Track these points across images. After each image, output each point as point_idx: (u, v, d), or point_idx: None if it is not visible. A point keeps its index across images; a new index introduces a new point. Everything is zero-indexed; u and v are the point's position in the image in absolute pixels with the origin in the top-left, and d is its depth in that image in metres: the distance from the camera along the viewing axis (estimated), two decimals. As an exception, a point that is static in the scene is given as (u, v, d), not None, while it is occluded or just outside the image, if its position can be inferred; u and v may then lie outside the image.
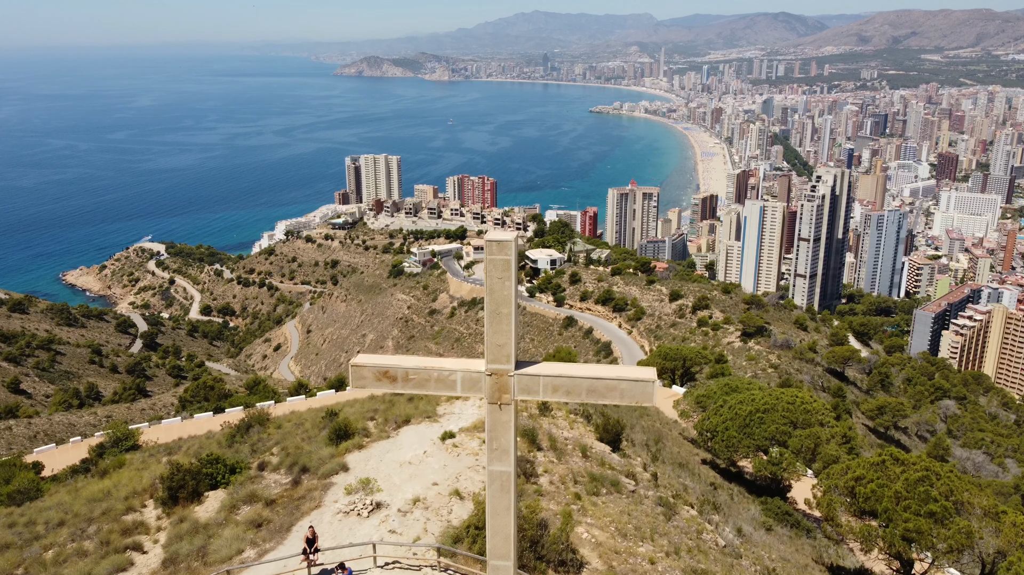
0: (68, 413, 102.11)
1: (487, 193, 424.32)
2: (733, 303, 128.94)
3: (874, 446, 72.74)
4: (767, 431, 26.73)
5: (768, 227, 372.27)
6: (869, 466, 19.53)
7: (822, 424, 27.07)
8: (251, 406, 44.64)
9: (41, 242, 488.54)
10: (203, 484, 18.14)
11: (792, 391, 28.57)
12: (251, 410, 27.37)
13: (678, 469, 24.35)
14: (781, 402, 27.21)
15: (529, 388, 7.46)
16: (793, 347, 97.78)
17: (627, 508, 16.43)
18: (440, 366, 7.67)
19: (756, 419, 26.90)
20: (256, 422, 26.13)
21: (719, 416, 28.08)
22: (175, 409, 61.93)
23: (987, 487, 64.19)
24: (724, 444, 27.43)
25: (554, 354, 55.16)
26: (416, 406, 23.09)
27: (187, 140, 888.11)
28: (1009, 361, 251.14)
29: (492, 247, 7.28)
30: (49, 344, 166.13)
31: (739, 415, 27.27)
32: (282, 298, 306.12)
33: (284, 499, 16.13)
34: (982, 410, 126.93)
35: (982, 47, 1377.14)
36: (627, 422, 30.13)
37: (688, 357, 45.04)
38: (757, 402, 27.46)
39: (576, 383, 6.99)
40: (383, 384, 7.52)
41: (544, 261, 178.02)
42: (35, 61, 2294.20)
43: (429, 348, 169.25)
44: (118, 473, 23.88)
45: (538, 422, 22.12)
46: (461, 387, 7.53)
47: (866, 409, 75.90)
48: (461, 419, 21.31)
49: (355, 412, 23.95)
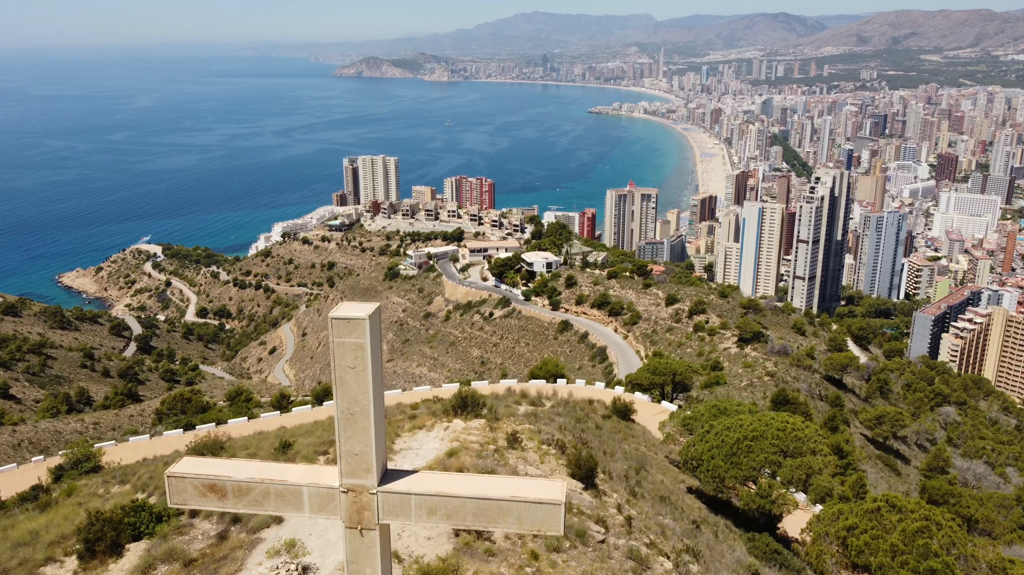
0: (55, 420, 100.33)
1: (485, 194, 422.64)
2: (730, 307, 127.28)
3: (872, 457, 71.01)
4: (755, 461, 25.03)
5: (767, 229, 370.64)
6: (863, 513, 17.87)
7: (815, 452, 25.38)
8: (223, 422, 42.93)
9: (38, 244, 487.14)
10: (124, 535, 16.40)
11: (783, 416, 26.87)
12: (206, 437, 25.70)
13: (659, 504, 22.65)
14: (771, 428, 25.53)
15: (398, 510, 5.59)
16: (790, 353, 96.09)
17: (591, 567, 14.71)
18: (283, 478, 5.71)
19: (744, 447, 25.21)
20: (209, 451, 24.45)
21: (705, 443, 26.39)
22: (151, 421, 60.29)
23: (988, 501, 62.54)
24: (710, 474, 25.75)
25: (541, 366, 53.54)
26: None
27: (186, 141, 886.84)
28: (1009, 364, 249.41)
29: (339, 327, 5.76)
30: (40, 348, 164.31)
31: (726, 443, 25.57)
32: (278, 300, 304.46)
33: (205, 559, 14.41)
34: (982, 415, 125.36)
35: (981, 47, 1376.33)
36: (609, 448, 28.43)
37: (678, 371, 43.39)
38: (745, 428, 25.77)
39: (459, 505, 5.35)
40: (210, 501, 5.68)
41: (540, 264, 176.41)
42: (34, 62, 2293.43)
43: (424, 352, 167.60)
44: (55, 509, 22.22)
45: (504, 457, 20.40)
46: (309, 507, 5.68)
47: (864, 419, 74.19)
48: (420, 456, 19.61)
49: (309, 444, 22.29)
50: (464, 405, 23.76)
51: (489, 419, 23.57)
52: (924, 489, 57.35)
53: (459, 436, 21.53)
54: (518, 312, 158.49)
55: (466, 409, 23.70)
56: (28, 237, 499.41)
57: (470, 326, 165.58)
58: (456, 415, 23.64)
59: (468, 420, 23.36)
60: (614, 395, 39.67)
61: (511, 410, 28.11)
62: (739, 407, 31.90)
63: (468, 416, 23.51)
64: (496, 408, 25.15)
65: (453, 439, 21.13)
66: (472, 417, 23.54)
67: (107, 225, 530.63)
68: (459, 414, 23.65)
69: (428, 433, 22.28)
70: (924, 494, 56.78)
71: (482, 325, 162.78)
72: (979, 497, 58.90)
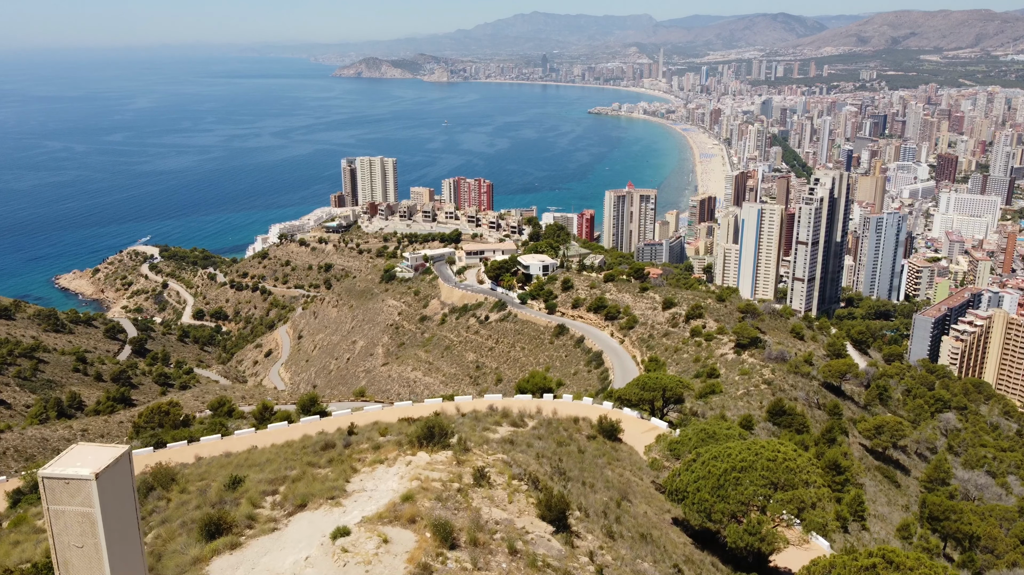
0: (43, 427, 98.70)
1: (483, 195, 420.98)
2: (727, 311, 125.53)
3: (871, 469, 69.36)
4: (743, 494, 23.40)
5: (766, 230, 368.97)
6: (856, 571, 16.29)
7: (807, 484, 23.76)
8: (195, 440, 41.30)
9: (35, 245, 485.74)
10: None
11: (773, 444, 25.24)
12: (157, 468, 24.06)
13: (639, 544, 21.02)
14: (760, 459, 23.90)
15: None
16: (788, 360, 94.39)
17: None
18: None
19: (731, 479, 23.57)
20: (159, 483, 22.83)
21: (690, 473, 24.76)
22: (128, 435, 58.63)
23: (990, 515, 60.93)
24: (695, 508, 24.13)
25: (529, 379, 51.92)
26: (327, 476, 19.73)
27: (184, 142, 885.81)
28: (1010, 367, 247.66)
29: (55, 490, 4.36)
30: (32, 352, 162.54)
31: (712, 474, 23.94)
32: (275, 302, 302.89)
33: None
34: (983, 421, 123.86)
35: (981, 47, 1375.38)
36: (590, 476, 26.76)
37: (668, 386, 41.81)
38: (733, 458, 24.13)
39: None
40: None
41: (536, 267, 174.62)
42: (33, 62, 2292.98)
43: (419, 356, 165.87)
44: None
45: (467, 498, 18.73)
46: None
47: (863, 429, 72.54)
48: (372, 500, 17.95)
49: (261, 481, 20.64)
50: (431, 436, 22.15)
51: (457, 451, 21.95)
52: (924, 503, 55.72)
53: (421, 473, 19.88)
54: (514, 316, 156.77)
55: (433, 440, 22.09)
56: (25, 238, 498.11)
57: (465, 330, 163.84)
58: (422, 446, 22.03)
59: (434, 453, 21.74)
60: (601, 412, 38.10)
61: (485, 436, 26.47)
62: (729, 430, 30.27)
63: (434, 448, 21.90)
64: (467, 438, 23.50)
65: (413, 477, 19.47)
66: (439, 449, 21.93)
67: (105, 226, 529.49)
68: (425, 445, 22.03)
69: (389, 469, 20.63)
70: (924, 509, 55.17)
71: (477, 329, 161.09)
72: (981, 511, 57.29)
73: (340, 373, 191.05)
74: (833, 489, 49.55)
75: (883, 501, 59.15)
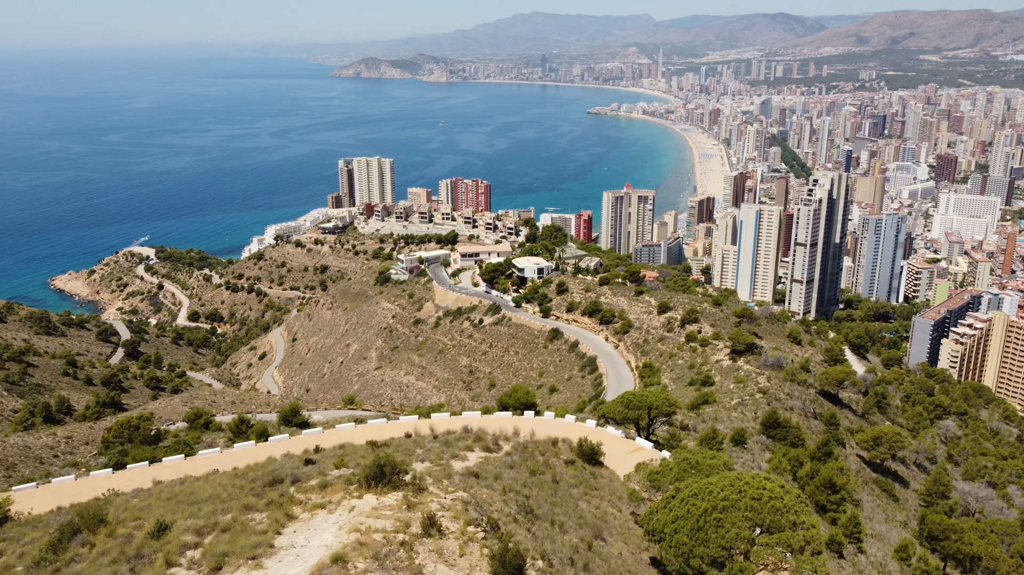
0: (27, 434, 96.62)
1: (481, 196, 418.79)
2: (724, 316, 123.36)
3: (869, 483, 67.33)
4: (725, 537, 21.44)
5: (764, 231, 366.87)
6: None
7: (795, 525, 21.81)
8: (157, 460, 39.29)
9: (31, 246, 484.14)
10: None
11: (760, 480, 23.26)
12: (88, 506, 22.10)
13: (608, 596, 19.05)
14: (745, 497, 21.95)
15: None
16: (784, 367, 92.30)
17: None
18: None
19: (712, 520, 21.61)
20: (86, 525, 20.85)
21: (668, 512, 22.79)
22: (98, 450, 56.67)
23: (991, 532, 58.91)
24: (673, 552, 22.17)
25: (511, 394, 49.91)
26: (258, 526, 17.78)
27: (183, 142, 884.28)
28: (1010, 370, 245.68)
29: None
30: (22, 355, 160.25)
31: (692, 513, 21.98)
32: (270, 304, 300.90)
33: None
34: (983, 426, 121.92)
35: (981, 48, 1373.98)
36: (561, 513, 24.78)
37: (654, 404, 39.82)
38: (715, 496, 22.16)
39: None
40: None
41: (531, 270, 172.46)
42: (33, 62, 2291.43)
43: (412, 360, 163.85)
44: None
45: (412, 553, 16.76)
46: None
47: (861, 440, 70.54)
48: (299, 561, 15.97)
49: (188, 529, 18.67)
50: (381, 475, 20.17)
51: (410, 492, 20.00)
52: (924, 521, 53.74)
53: (362, 522, 17.91)
54: (508, 319, 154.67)
55: (383, 480, 20.12)
56: (21, 239, 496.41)
57: (459, 333, 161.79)
58: (371, 487, 20.06)
59: (383, 495, 19.78)
60: (582, 433, 36.08)
61: (449, 469, 24.48)
62: (713, 460, 28.25)
63: (384, 490, 19.94)
64: (424, 475, 21.51)
65: (352, 528, 17.50)
66: (389, 490, 19.97)
67: (102, 227, 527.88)
68: (374, 486, 20.06)
69: (329, 516, 18.66)
70: (924, 527, 53.18)
71: (472, 332, 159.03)
72: (981, 529, 55.30)
73: (333, 377, 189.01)
74: (828, 509, 47.57)
75: (881, 518, 57.17)
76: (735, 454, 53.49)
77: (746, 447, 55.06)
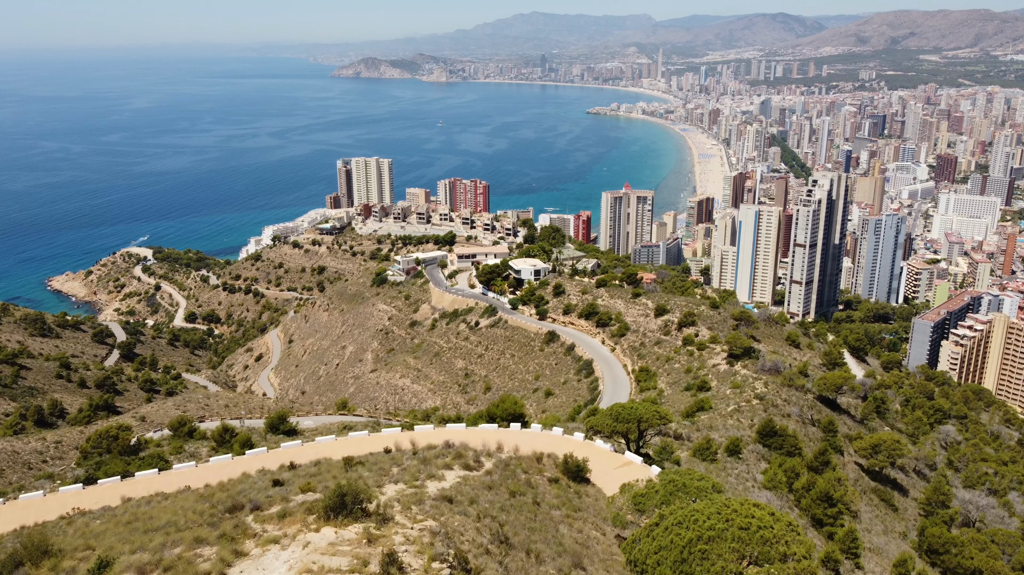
0: (16, 438, 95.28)
1: (479, 197, 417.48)
2: (721, 319, 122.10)
3: (867, 491, 66.02)
4: (711, 570, 20.15)
5: (763, 232, 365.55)
6: None
7: (785, 557, 20.54)
8: (129, 475, 38.00)
9: (29, 246, 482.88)
10: None
11: (748, 507, 21.97)
12: (31, 537, 20.82)
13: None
14: (732, 527, 20.67)
15: None
16: (782, 371, 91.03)
17: None
18: None
19: (697, 552, 20.34)
20: (30, 558, 19.56)
21: (652, 542, 21.52)
22: (76, 461, 55.38)
23: (991, 544, 57.58)
24: (655, 585, 20.90)
25: (499, 404, 48.64)
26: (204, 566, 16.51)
27: (182, 143, 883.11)
28: (1011, 372, 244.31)
29: None
30: (15, 358, 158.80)
31: (676, 544, 20.72)
32: (268, 305, 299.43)
33: None
34: (984, 430, 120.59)
35: (980, 47, 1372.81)
36: (539, 540, 23.48)
37: (644, 417, 38.55)
38: (700, 525, 20.88)
39: None
40: None
41: (528, 271, 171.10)
42: (32, 62, 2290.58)
43: (408, 362, 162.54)
44: None
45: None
46: None
47: (859, 448, 69.21)
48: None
49: (130, 566, 17.40)
50: (342, 506, 18.90)
51: (372, 524, 18.73)
52: (923, 533, 52.46)
53: (316, 561, 16.64)
54: (504, 322, 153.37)
55: (344, 511, 18.85)
56: (19, 240, 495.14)
57: (455, 336, 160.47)
58: (330, 519, 18.80)
59: (343, 527, 18.50)
60: (569, 448, 34.83)
61: (421, 494, 23.20)
62: (701, 482, 26.97)
63: (344, 522, 18.66)
64: (390, 503, 20.22)
65: (304, 568, 16.23)
66: (350, 522, 18.70)
67: (100, 227, 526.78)
68: (334, 518, 18.80)
69: (280, 553, 17.39)
70: (924, 540, 51.91)
71: (468, 335, 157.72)
72: (981, 541, 53.96)
73: (329, 379, 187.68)
74: (824, 523, 46.27)
75: (879, 529, 55.86)
76: (730, 464, 52.17)
77: (741, 457, 53.76)
